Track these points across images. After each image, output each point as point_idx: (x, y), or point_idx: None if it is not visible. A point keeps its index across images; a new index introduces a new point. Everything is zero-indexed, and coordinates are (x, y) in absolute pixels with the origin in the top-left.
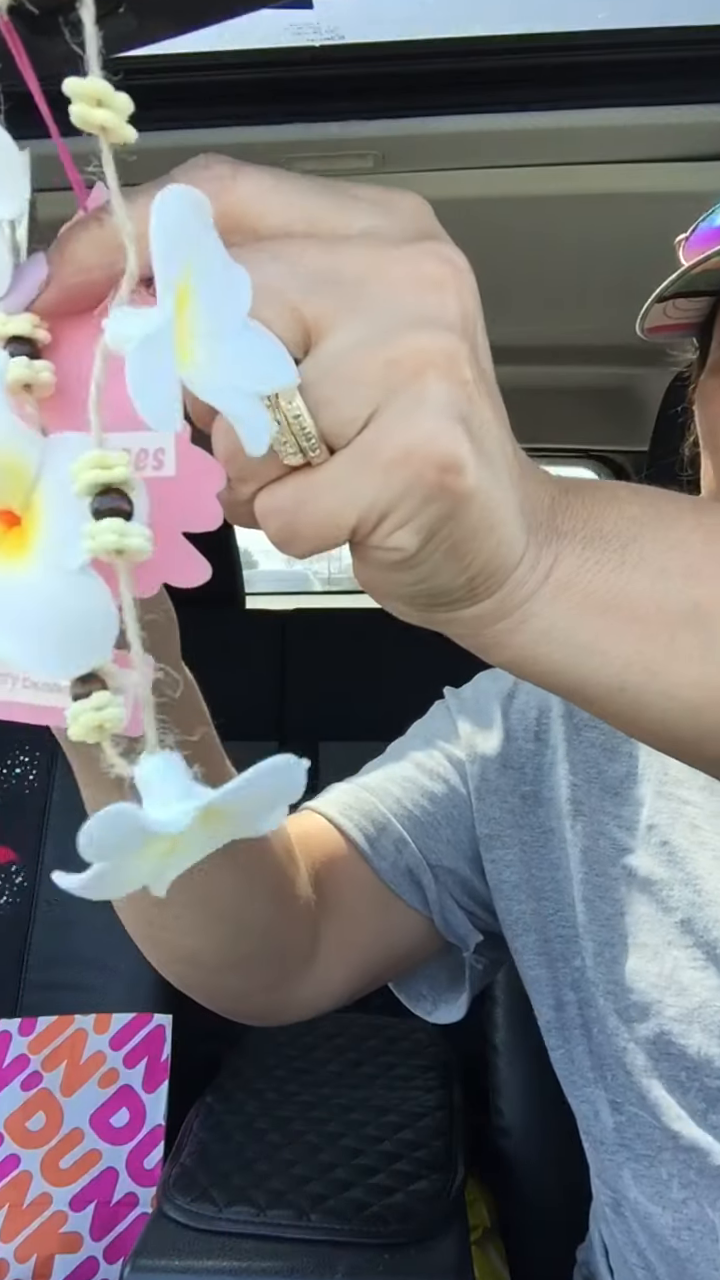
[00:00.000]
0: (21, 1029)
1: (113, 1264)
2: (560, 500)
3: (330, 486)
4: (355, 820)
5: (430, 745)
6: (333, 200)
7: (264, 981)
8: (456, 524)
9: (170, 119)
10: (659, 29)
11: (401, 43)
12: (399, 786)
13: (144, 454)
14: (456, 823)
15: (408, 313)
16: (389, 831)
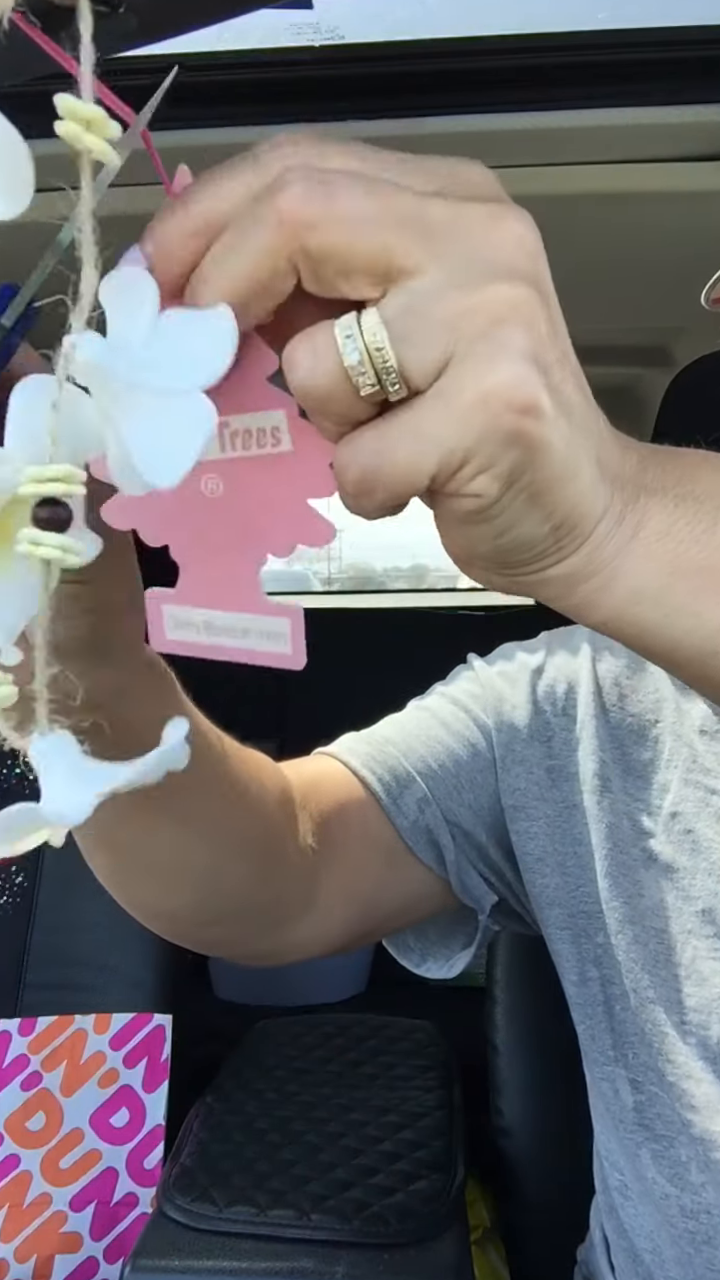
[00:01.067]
0: (21, 1029)
1: (113, 1264)
2: (650, 459)
3: (411, 431)
4: (378, 774)
5: (456, 706)
6: (414, 164)
7: (252, 931)
8: (536, 469)
9: (170, 119)
10: (659, 29)
11: (401, 43)
12: (423, 744)
13: (262, 433)
14: (479, 788)
15: (489, 263)
16: (412, 789)
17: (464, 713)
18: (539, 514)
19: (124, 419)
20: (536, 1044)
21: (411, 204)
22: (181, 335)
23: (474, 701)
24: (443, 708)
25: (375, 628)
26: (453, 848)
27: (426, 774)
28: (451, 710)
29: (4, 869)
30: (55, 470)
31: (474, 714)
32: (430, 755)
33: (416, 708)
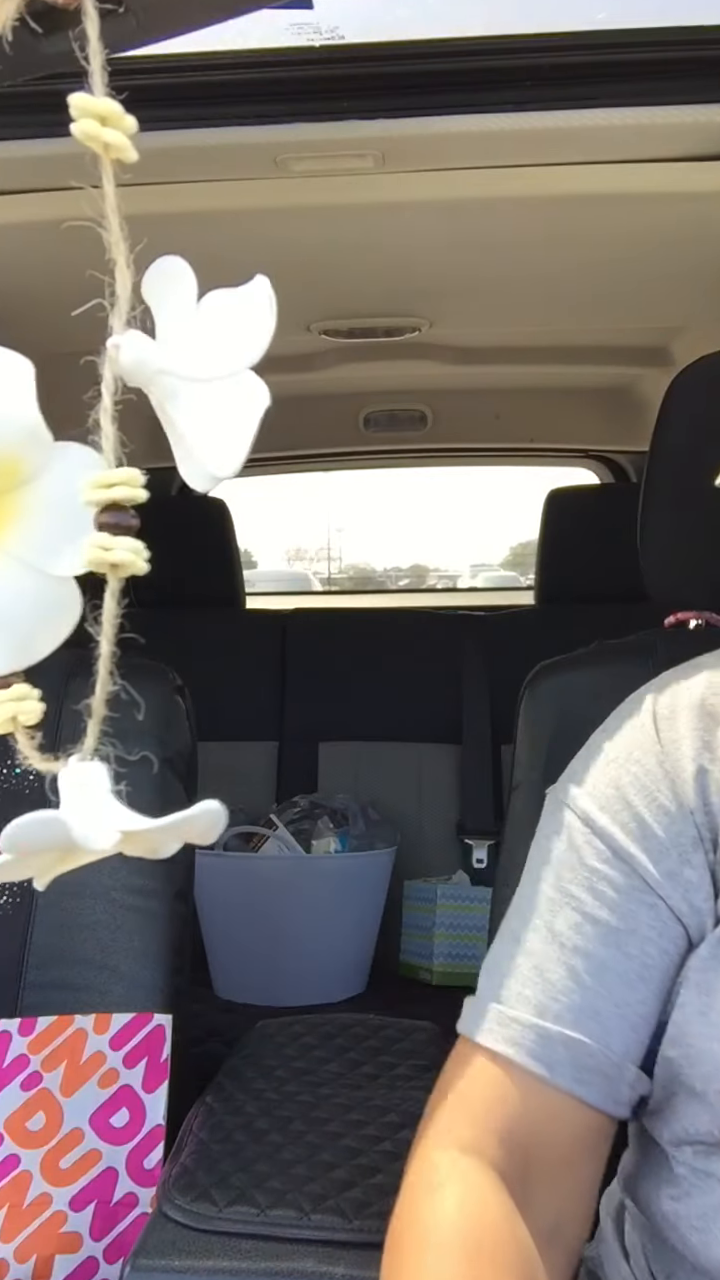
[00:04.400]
0: (21, 1029)
1: (113, 1264)
2: None
3: None
4: (591, 1083)
5: (606, 908)
6: None
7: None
8: None
9: (170, 119)
10: (659, 29)
11: (401, 43)
12: (609, 1004)
13: None
14: (659, 987)
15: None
16: (624, 1077)
17: (627, 912)
18: None
19: (181, 415)
20: None
21: None
22: (224, 318)
23: (624, 871)
24: (597, 910)
25: (375, 628)
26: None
27: (634, 1048)
28: (613, 911)
29: None
30: (118, 475)
31: (635, 896)
32: (626, 1018)
33: (552, 913)
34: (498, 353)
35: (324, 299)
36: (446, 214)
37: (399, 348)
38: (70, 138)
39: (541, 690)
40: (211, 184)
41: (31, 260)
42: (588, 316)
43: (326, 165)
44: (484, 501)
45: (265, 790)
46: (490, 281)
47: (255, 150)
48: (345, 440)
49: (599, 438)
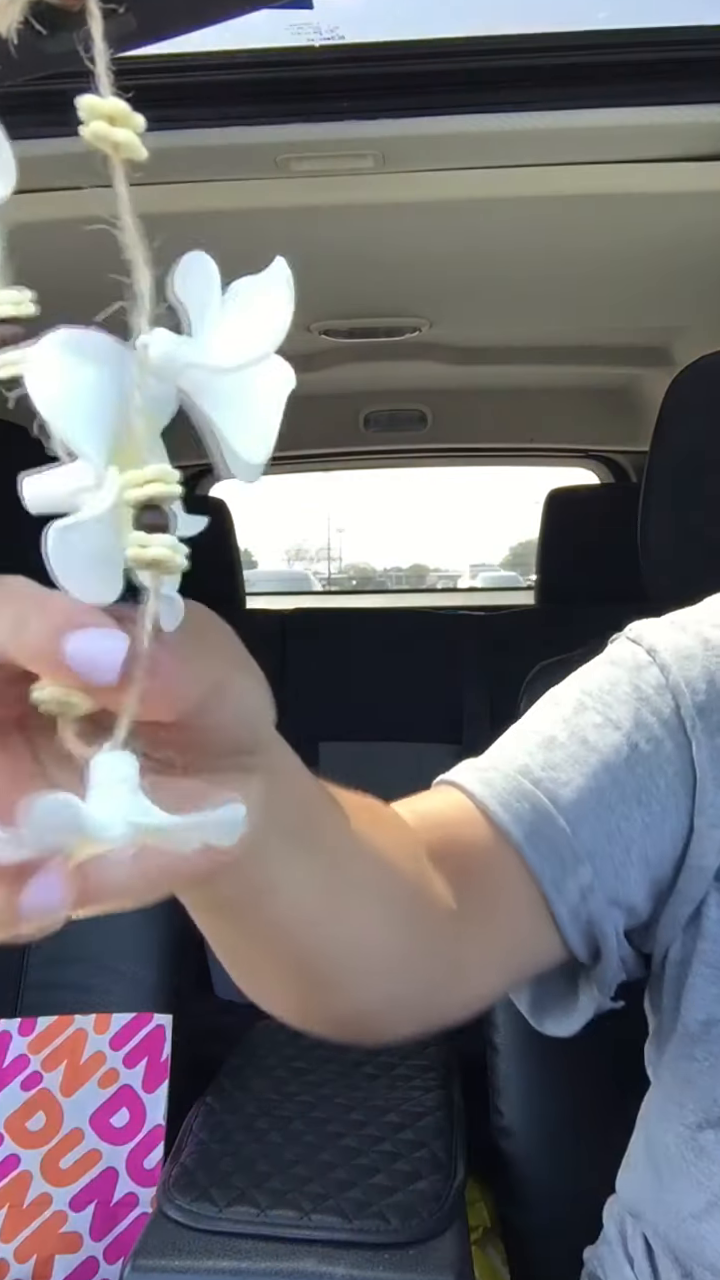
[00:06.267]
0: (21, 1029)
1: (113, 1264)
2: None
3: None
4: (540, 850)
5: (637, 731)
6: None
7: (412, 1010)
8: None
9: (170, 119)
10: (659, 29)
11: (401, 43)
12: (596, 799)
13: None
14: (653, 850)
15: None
16: (578, 875)
17: (645, 737)
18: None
19: (213, 408)
20: (536, 1044)
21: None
22: (246, 305)
23: (660, 714)
24: (614, 724)
25: (375, 628)
26: (613, 935)
27: (596, 852)
28: (627, 731)
29: None
30: (151, 472)
31: (661, 737)
32: (602, 820)
33: (574, 710)
34: (498, 353)
35: (324, 299)
36: (446, 214)
37: (399, 348)
38: (74, 138)
39: (541, 690)
40: (211, 184)
41: (40, 259)
42: (588, 316)
43: (327, 165)
44: (484, 501)
45: None
46: (490, 281)
47: (256, 150)
48: (345, 440)
49: (599, 438)
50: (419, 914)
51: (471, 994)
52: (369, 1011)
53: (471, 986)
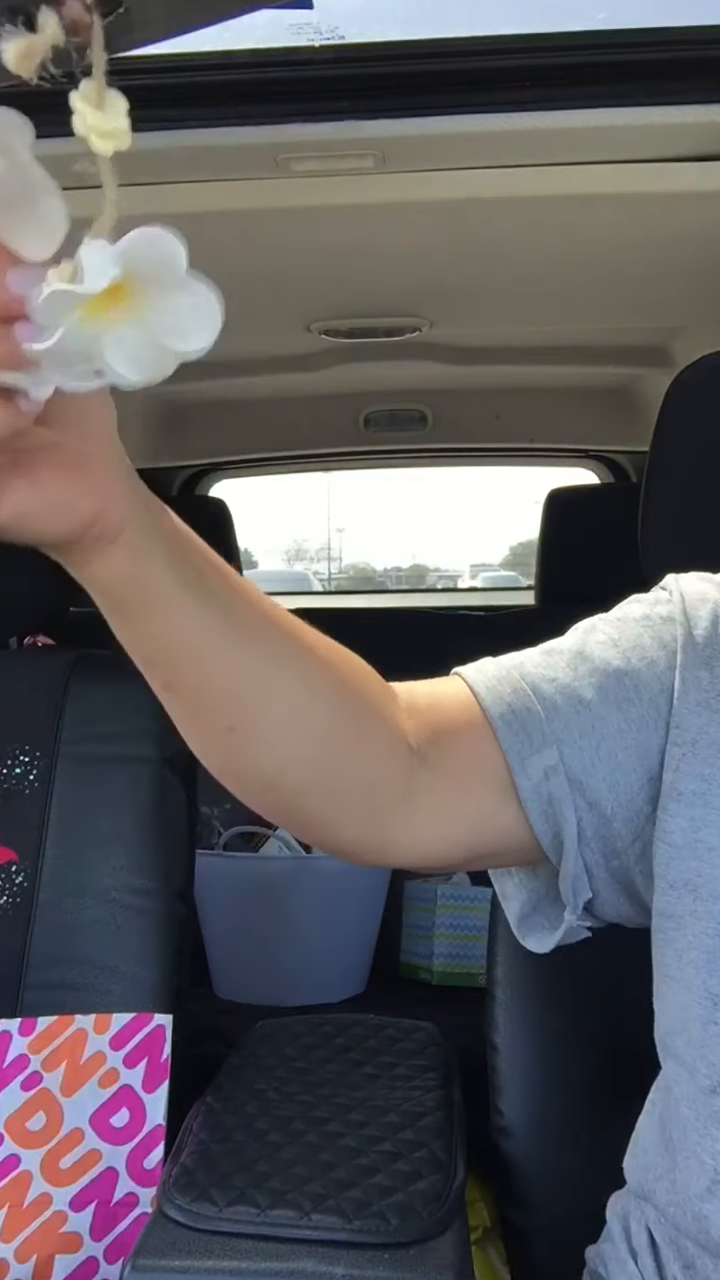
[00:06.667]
0: (21, 1029)
1: (113, 1264)
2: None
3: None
4: (512, 727)
5: (634, 650)
6: None
7: (350, 813)
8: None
9: (170, 119)
10: (659, 29)
11: (401, 43)
12: (576, 697)
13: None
14: (623, 754)
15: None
16: (544, 755)
17: (640, 661)
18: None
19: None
20: (536, 1044)
21: None
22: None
23: (662, 645)
24: (616, 646)
25: (375, 628)
26: (573, 823)
27: (564, 737)
28: (624, 654)
29: (4, 869)
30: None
31: (655, 666)
32: (576, 710)
33: (585, 631)
34: (498, 353)
35: (324, 299)
36: (446, 214)
37: (399, 348)
38: (69, 138)
39: None
40: (211, 184)
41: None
42: (588, 316)
43: (326, 165)
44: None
45: None
46: (490, 281)
47: (255, 150)
48: (345, 440)
49: (599, 438)
50: (358, 710)
51: (423, 831)
52: (295, 781)
53: (424, 823)
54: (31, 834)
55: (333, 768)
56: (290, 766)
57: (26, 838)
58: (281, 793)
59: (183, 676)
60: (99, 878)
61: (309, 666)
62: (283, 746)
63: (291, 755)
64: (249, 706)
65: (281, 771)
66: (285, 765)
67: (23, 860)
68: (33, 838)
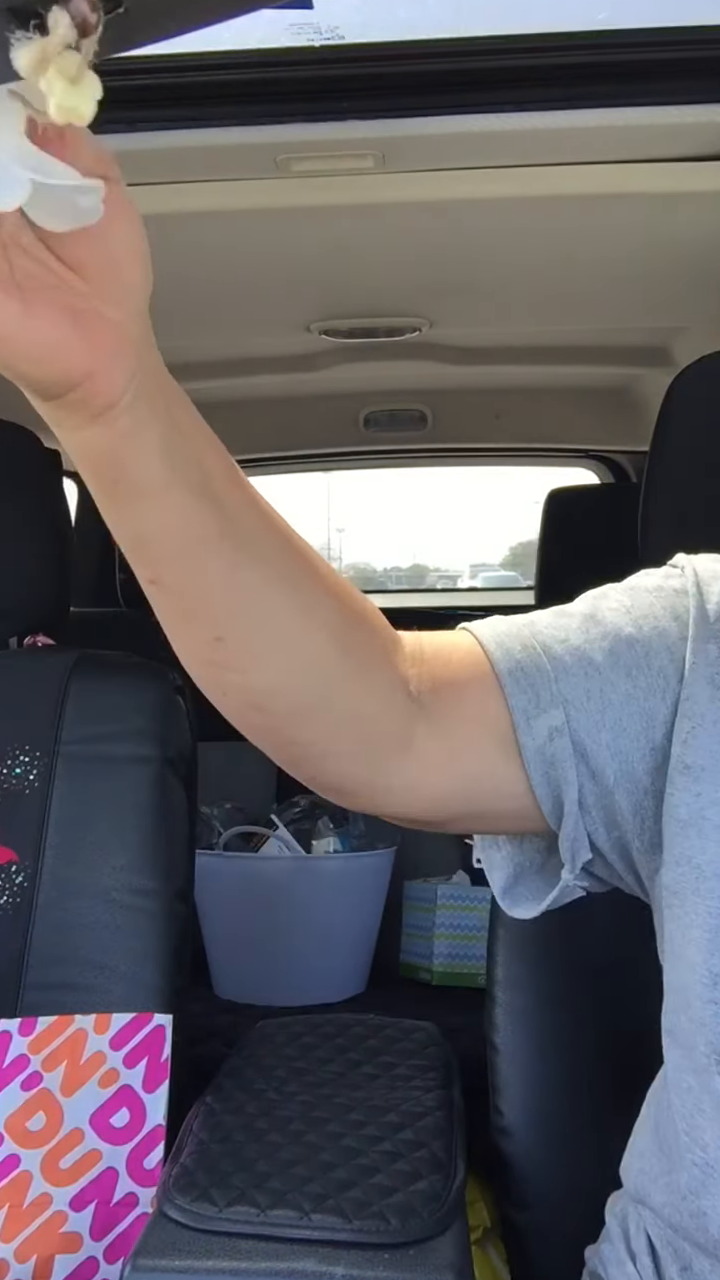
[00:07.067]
0: (21, 1029)
1: (113, 1264)
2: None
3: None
4: (520, 684)
5: (645, 618)
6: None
7: (342, 748)
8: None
9: (170, 119)
10: (659, 29)
11: (401, 43)
12: (587, 660)
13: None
14: (628, 721)
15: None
16: (550, 716)
17: (651, 634)
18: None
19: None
20: (536, 1044)
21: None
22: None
23: (674, 622)
24: (629, 617)
25: None
26: (575, 786)
27: (572, 699)
28: (636, 625)
29: (4, 869)
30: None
31: (666, 642)
32: (585, 672)
33: (596, 597)
34: (498, 353)
35: (324, 299)
36: (446, 214)
37: (399, 348)
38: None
39: None
40: (211, 184)
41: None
42: (588, 316)
43: (326, 165)
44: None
45: (265, 790)
46: (490, 281)
47: (255, 150)
48: (345, 440)
49: (599, 438)
50: (358, 646)
51: (419, 781)
52: (283, 705)
53: (420, 773)
54: (31, 834)
55: (325, 699)
56: (279, 689)
57: (26, 838)
58: (268, 716)
59: (169, 573)
60: (99, 878)
61: (311, 590)
62: (273, 667)
63: (281, 678)
64: (240, 619)
65: (269, 693)
66: (274, 687)
67: (23, 860)
68: (33, 838)
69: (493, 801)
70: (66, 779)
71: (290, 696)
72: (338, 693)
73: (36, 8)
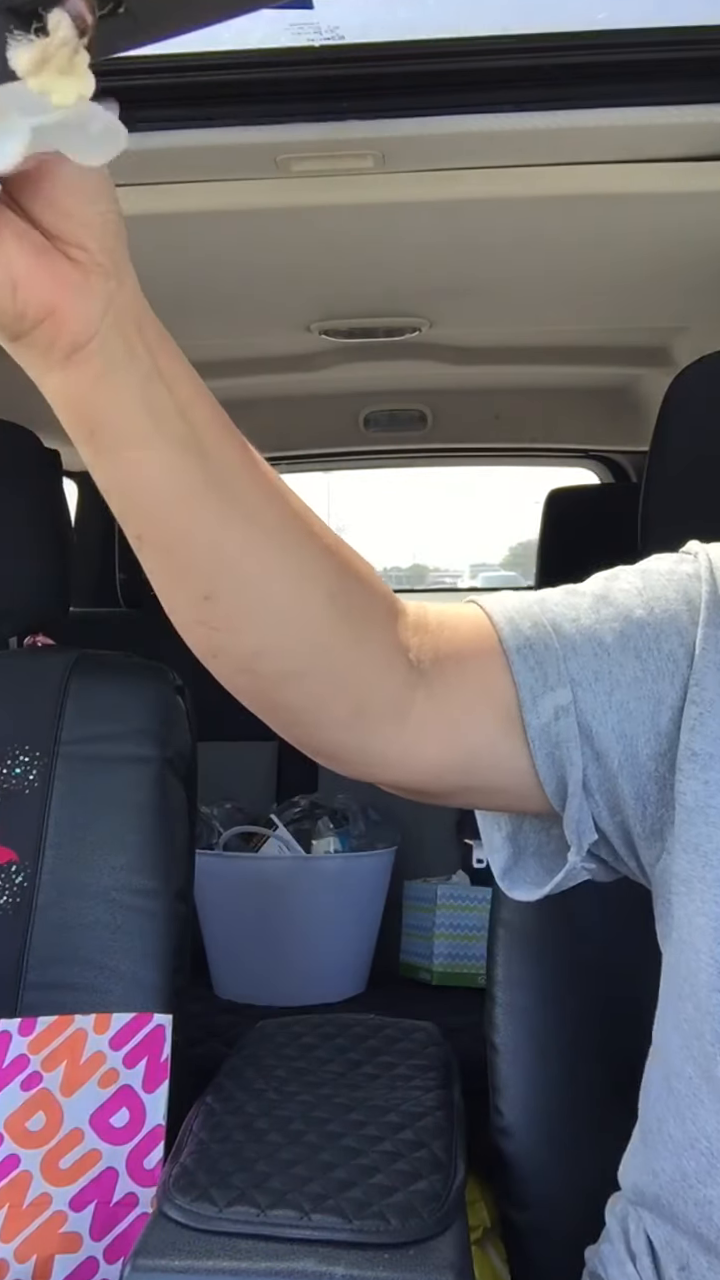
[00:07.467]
0: (21, 1029)
1: (113, 1264)
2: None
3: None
4: (528, 661)
5: (657, 601)
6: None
7: (335, 715)
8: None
9: (170, 119)
10: (659, 29)
11: (401, 43)
12: (596, 641)
13: None
14: (635, 704)
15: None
16: (556, 695)
17: (664, 620)
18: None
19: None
20: (536, 1044)
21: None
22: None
23: (686, 608)
24: (640, 604)
25: None
26: (579, 768)
27: (579, 679)
28: (647, 609)
29: (4, 869)
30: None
31: (679, 627)
32: (594, 653)
33: (608, 578)
34: (498, 353)
35: (324, 299)
36: (446, 214)
37: (399, 348)
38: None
39: None
40: (211, 184)
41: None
42: (588, 316)
43: (326, 165)
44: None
45: (265, 790)
46: (490, 281)
47: (255, 150)
48: (345, 440)
49: (599, 438)
50: (355, 610)
51: (416, 751)
52: (274, 668)
53: (417, 744)
54: (31, 834)
55: (317, 663)
56: (268, 651)
57: (26, 838)
58: (258, 678)
59: (153, 529)
60: (99, 878)
61: (306, 552)
62: (262, 628)
63: (271, 640)
64: (228, 578)
65: (258, 655)
66: (263, 649)
67: (23, 860)
68: (33, 838)
69: (491, 777)
70: (66, 779)
71: (280, 660)
72: (331, 658)
73: (37, 8)
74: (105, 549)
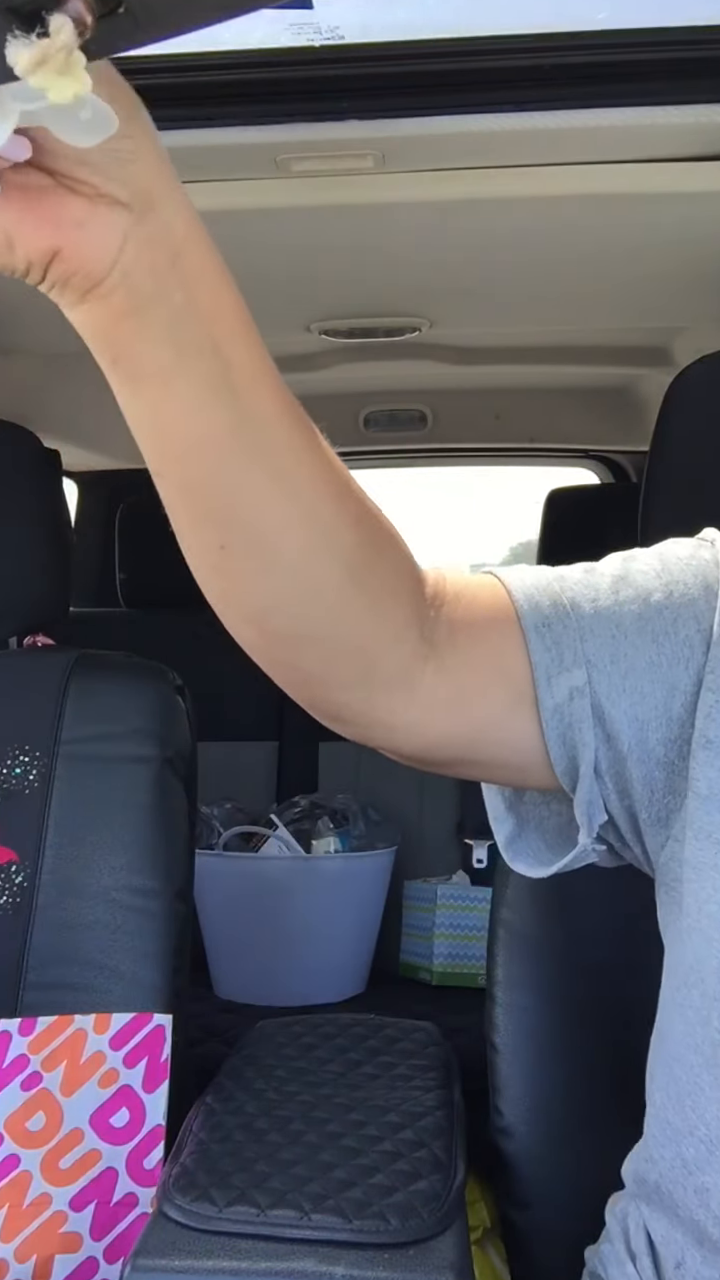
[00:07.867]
0: (21, 1029)
1: (113, 1264)
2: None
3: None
4: (545, 640)
5: (675, 585)
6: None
7: (342, 678)
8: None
9: (170, 119)
10: (659, 29)
11: (401, 43)
12: (614, 623)
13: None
14: (649, 688)
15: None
16: (572, 676)
17: (683, 605)
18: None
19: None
20: (536, 1044)
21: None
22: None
23: (706, 596)
24: (661, 590)
25: None
26: (591, 749)
27: (595, 661)
28: (667, 597)
29: (4, 869)
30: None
31: (698, 612)
32: (612, 635)
33: (625, 559)
34: (498, 353)
35: (324, 299)
36: (446, 214)
37: (399, 348)
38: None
39: None
40: (211, 184)
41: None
42: (588, 316)
43: (326, 165)
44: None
45: (265, 790)
46: (490, 281)
47: (255, 150)
48: (345, 440)
49: (599, 438)
50: (372, 579)
51: (423, 722)
52: (280, 626)
53: (425, 714)
54: (31, 834)
55: (326, 628)
56: (276, 609)
57: (26, 838)
58: (263, 635)
59: (172, 467)
60: (99, 878)
61: (330, 515)
62: (275, 588)
63: (281, 599)
64: (244, 530)
65: (266, 611)
66: (272, 606)
67: (23, 860)
68: (33, 838)
69: (496, 751)
70: (66, 779)
71: (289, 621)
72: (341, 624)
73: (38, 10)
74: (105, 549)
